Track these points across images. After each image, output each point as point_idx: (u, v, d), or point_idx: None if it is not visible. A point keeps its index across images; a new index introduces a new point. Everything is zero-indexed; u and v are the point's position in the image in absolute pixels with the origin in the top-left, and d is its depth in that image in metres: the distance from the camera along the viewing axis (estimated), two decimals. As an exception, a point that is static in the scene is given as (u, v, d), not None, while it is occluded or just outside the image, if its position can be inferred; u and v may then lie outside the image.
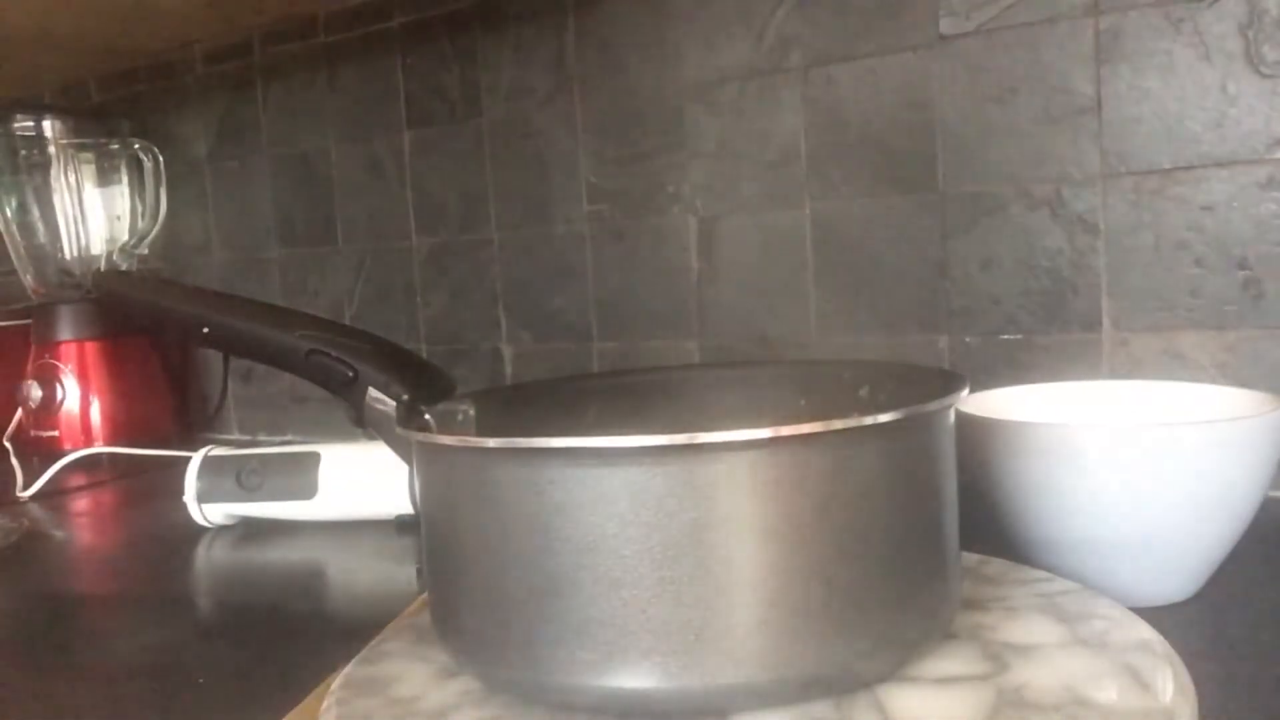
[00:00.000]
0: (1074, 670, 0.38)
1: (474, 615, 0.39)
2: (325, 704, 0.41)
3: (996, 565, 0.50)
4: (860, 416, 0.36)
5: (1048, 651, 0.40)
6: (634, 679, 0.35)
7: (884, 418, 0.37)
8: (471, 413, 0.49)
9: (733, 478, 0.35)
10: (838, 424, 0.35)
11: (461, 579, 0.40)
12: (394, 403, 0.47)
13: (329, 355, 0.48)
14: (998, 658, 0.40)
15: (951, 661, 0.40)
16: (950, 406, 0.41)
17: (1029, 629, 0.42)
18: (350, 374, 0.48)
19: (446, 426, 0.47)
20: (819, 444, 0.36)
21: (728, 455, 0.35)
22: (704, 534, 0.35)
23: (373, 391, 0.47)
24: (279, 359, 0.50)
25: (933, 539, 0.40)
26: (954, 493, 0.42)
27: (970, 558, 0.50)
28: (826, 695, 0.37)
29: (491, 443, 0.38)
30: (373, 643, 0.47)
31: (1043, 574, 0.48)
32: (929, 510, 0.40)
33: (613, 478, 0.35)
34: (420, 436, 0.41)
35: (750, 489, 0.35)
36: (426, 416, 0.46)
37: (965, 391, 0.41)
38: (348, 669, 0.44)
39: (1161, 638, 0.41)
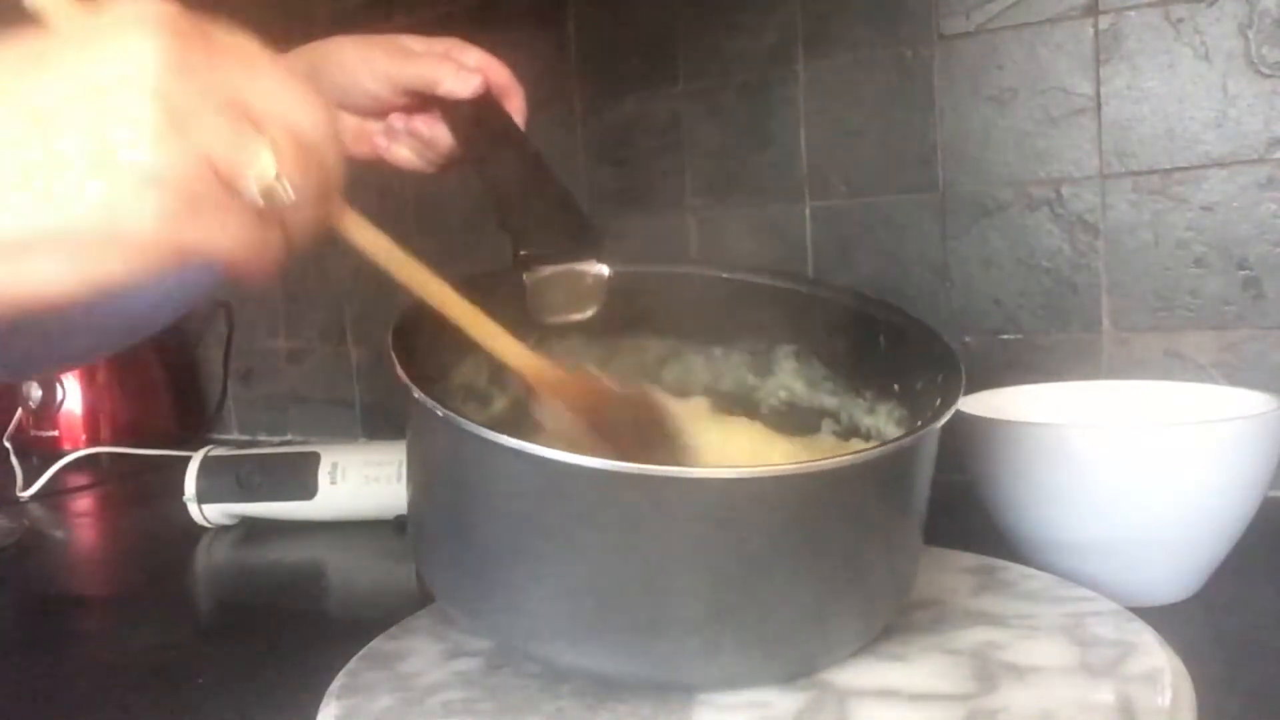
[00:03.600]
0: (1064, 697, 0.37)
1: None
2: (340, 673, 0.43)
3: (1042, 580, 0.48)
4: (864, 450, 0.38)
5: (1047, 675, 0.38)
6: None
7: (878, 451, 0.38)
8: (592, 277, 0.46)
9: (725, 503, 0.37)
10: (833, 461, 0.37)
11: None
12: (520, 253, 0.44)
13: (495, 190, 0.46)
14: (990, 679, 0.38)
15: (939, 679, 0.39)
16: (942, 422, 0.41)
17: (1039, 650, 0.41)
18: (500, 215, 0.46)
19: (541, 284, 0.44)
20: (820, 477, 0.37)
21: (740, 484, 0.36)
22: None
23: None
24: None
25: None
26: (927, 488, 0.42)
27: (1013, 571, 0.49)
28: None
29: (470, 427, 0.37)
30: (406, 619, 0.48)
31: (1087, 593, 0.46)
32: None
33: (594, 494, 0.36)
34: (401, 374, 0.38)
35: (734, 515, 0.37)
36: (525, 277, 0.44)
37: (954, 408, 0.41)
38: (374, 642, 0.45)
39: (1183, 668, 0.39)
